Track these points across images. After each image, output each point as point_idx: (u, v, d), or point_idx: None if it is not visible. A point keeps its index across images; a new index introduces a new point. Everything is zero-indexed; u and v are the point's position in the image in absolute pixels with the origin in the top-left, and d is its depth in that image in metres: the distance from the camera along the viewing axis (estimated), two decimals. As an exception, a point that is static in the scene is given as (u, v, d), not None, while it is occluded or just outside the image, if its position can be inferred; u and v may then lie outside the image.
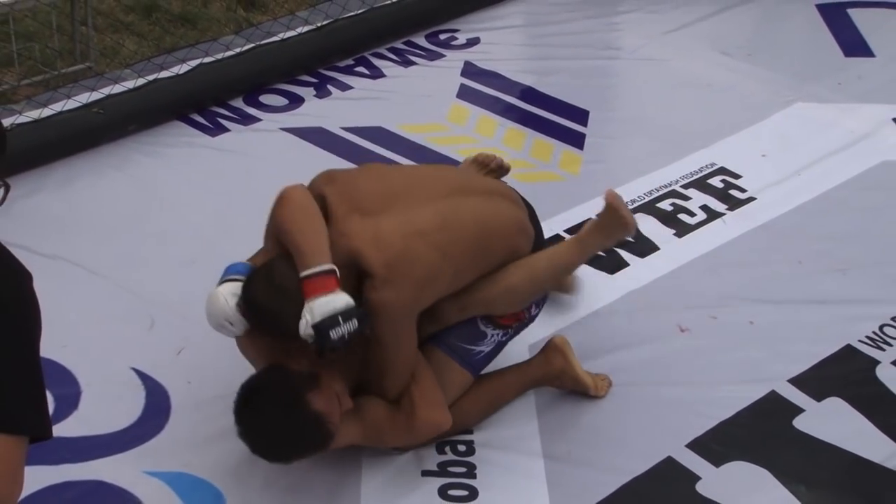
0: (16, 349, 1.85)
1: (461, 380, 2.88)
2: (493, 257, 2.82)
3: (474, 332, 2.87)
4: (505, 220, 2.88)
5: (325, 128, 4.15)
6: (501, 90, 4.51)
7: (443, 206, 2.77)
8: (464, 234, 2.74)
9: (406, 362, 2.72)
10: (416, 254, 2.63)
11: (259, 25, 4.81)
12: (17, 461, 1.86)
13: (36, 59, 5.22)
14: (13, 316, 1.86)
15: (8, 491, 1.86)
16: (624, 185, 3.92)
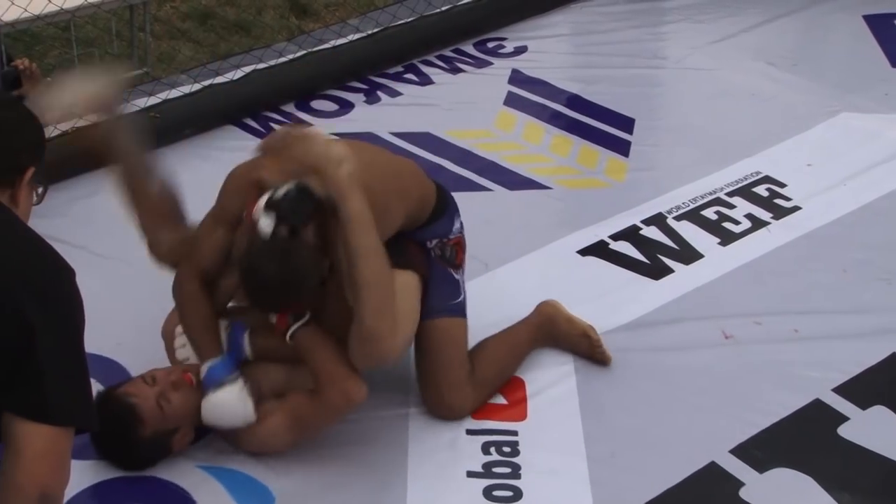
0: (61, 343, 1.87)
1: (465, 327, 2.96)
2: (409, 199, 2.86)
3: (452, 284, 2.94)
4: (414, 168, 2.99)
5: (375, 133, 4.15)
6: (548, 98, 4.49)
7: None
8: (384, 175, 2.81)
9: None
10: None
11: (311, 33, 4.82)
12: (63, 452, 1.88)
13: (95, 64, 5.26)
14: (58, 311, 1.88)
15: (56, 480, 1.89)
16: (669, 193, 3.91)
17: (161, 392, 2.68)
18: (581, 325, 3.14)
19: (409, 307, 2.80)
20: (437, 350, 2.92)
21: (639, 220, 3.76)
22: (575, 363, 3.15)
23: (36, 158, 2.00)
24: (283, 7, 6.20)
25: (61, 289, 1.90)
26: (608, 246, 3.64)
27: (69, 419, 1.88)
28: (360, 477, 2.77)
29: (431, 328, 2.91)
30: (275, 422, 2.73)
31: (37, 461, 1.84)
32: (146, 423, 2.65)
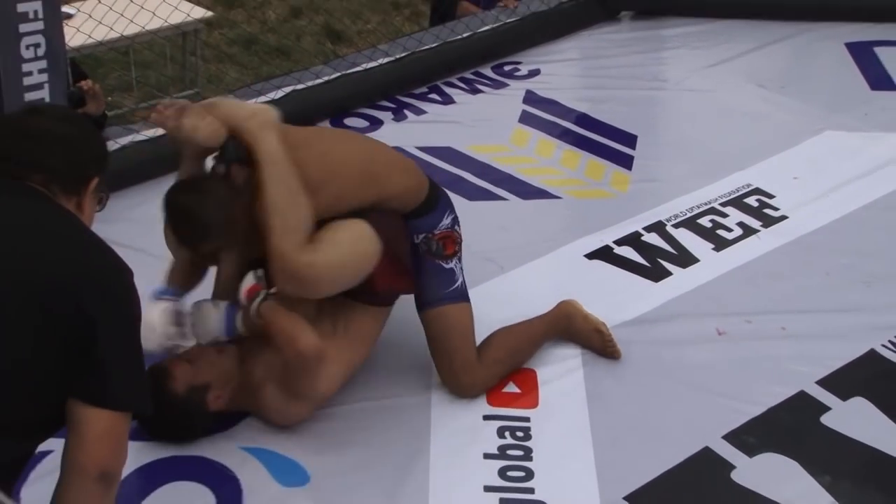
0: (120, 336, 1.88)
1: (468, 311, 2.93)
2: (379, 184, 2.82)
3: (445, 273, 2.91)
4: (401, 162, 2.95)
5: (402, 147, 4.11)
6: (559, 116, 4.48)
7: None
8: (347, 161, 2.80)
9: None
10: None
11: (345, 57, 4.83)
12: (121, 434, 1.89)
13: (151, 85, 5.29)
14: (117, 307, 1.89)
15: (114, 459, 1.89)
16: (668, 203, 3.89)
17: (186, 356, 2.71)
18: (595, 322, 3.13)
19: (346, 237, 2.71)
20: (443, 337, 2.91)
21: (641, 227, 3.75)
22: (583, 357, 3.14)
23: (100, 169, 2.01)
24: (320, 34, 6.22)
25: (120, 287, 1.91)
26: (613, 250, 3.63)
27: (126, 404, 1.88)
28: (387, 457, 2.77)
29: (434, 317, 2.90)
30: (269, 392, 2.74)
31: (97, 443, 1.84)
32: (177, 378, 2.65)
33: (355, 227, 2.74)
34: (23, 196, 1.89)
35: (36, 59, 3.25)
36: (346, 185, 2.76)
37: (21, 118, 2.00)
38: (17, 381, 1.78)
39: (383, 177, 2.85)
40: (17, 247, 1.82)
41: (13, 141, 1.94)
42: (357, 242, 2.73)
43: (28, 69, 3.24)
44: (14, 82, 3.22)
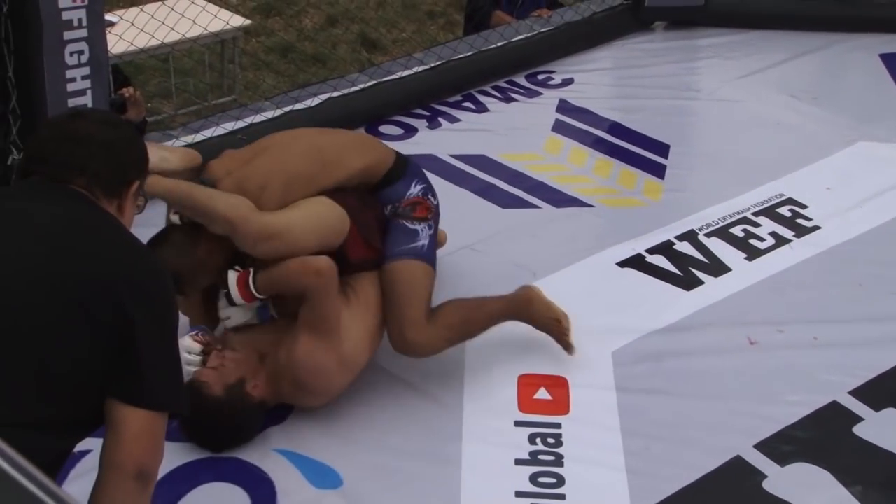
0: (157, 337, 1.88)
1: (425, 271, 2.91)
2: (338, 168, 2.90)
3: (408, 232, 2.92)
4: (354, 142, 3.02)
5: (436, 155, 4.15)
6: (592, 125, 4.46)
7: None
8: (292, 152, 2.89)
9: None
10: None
11: (380, 65, 4.84)
12: (158, 434, 1.89)
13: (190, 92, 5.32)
14: (155, 309, 1.89)
15: (151, 458, 1.89)
16: (700, 212, 3.86)
17: (210, 366, 2.72)
18: (557, 311, 3.06)
19: (304, 204, 2.78)
20: (393, 289, 2.87)
21: (673, 236, 3.72)
22: (614, 364, 3.12)
23: (140, 173, 2.02)
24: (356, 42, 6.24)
25: (159, 289, 1.91)
26: (645, 259, 3.61)
27: (163, 404, 1.89)
28: (419, 462, 2.76)
29: (388, 271, 2.89)
30: (301, 341, 2.72)
31: (134, 441, 1.84)
32: (211, 384, 2.66)
33: (314, 199, 2.81)
34: (66, 198, 1.91)
35: (79, 65, 3.27)
36: (292, 180, 2.80)
37: (64, 122, 2.01)
38: (60, 381, 1.79)
39: (334, 162, 2.91)
40: (61, 249, 1.83)
41: (57, 144, 1.95)
42: (314, 205, 2.79)
43: (71, 75, 3.27)
44: (58, 88, 3.24)
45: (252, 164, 2.84)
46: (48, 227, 1.85)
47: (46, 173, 1.94)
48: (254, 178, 2.78)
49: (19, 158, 3.24)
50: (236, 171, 2.81)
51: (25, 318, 1.76)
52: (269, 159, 2.86)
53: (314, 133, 3.11)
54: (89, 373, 1.81)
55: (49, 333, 1.77)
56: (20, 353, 1.75)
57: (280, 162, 2.85)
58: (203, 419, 2.64)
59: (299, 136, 3.02)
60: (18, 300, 1.77)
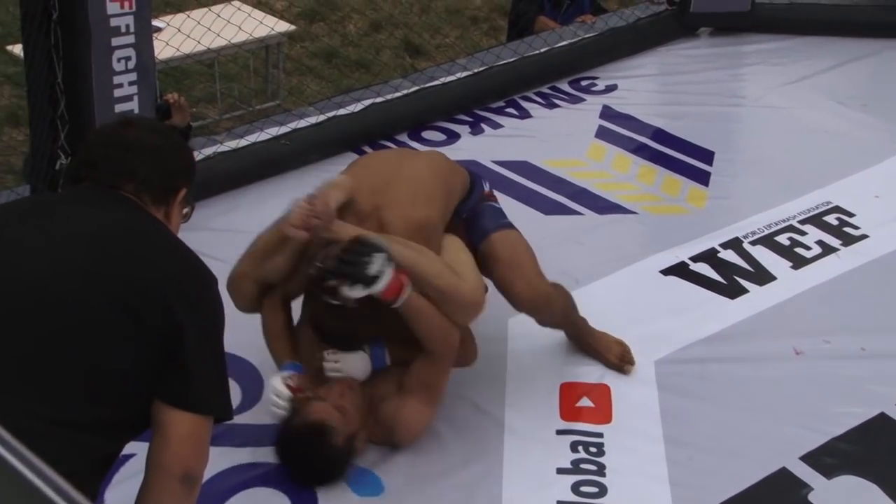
0: (204, 341, 1.89)
1: (522, 236, 2.95)
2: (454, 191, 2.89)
3: (496, 210, 2.96)
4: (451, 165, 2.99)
5: (478, 161, 4.13)
6: (635, 131, 4.43)
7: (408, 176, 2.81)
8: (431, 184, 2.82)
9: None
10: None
11: (423, 70, 4.84)
12: (204, 438, 1.90)
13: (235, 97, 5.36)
14: (205, 314, 1.91)
15: (197, 461, 1.90)
16: (745, 220, 3.82)
17: (335, 403, 2.63)
18: (613, 336, 3.11)
19: (465, 257, 2.77)
20: (509, 254, 2.87)
21: (717, 244, 3.68)
22: (657, 373, 3.09)
23: (188, 180, 2.04)
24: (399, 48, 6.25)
25: (206, 294, 1.93)
26: (688, 267, 3.57)
27: (210, 408, 1.90)
28: (460, 470, 2.75)
29: (499, 239, 2.88)
30: (411, 404, 2.70)
31: (181, 444, 1.86)
32: (337, 430, 2.59)
33: (457, 244, 2.80)
34: (115, 204, 1.93)
35: (126, 71, 3.30)
36: (437, 215, 2.78)
37: (115, 129, 2.04)
38: (111, 382, 1.81)
39: (453, 189, 2.90)
40: (112, 253, 1.85)
41: (107, 151, 1.98)
42: (468, 254, 2.80)
43: (119, 81, 3.29)
44: (105, 94, 3.27)
45: (391, 201, 2.72)
46: (100, 232, 1.88)
47: (97, 179, 1.96)
48: (398, 222, 2.69)
49: (67, 163, 3.28)
50: (378, 207, 2.71)
51: (79, 320, 1.79)
52: (405, 193, 2.74)
53: (422, 160, 2.98)
54: (138, 375, 1.82)
55: (100, 335, 1.79)
56: (73, 354, 1.77)
57: (417, 196, 2.75)
58: (319, 462, 2.59)
59: (416, 166, 2.89)
60: (72, 303, 1.79)
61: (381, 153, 3.03)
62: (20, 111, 4.53)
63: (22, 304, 1.78)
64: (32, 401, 1.72)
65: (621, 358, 3.08)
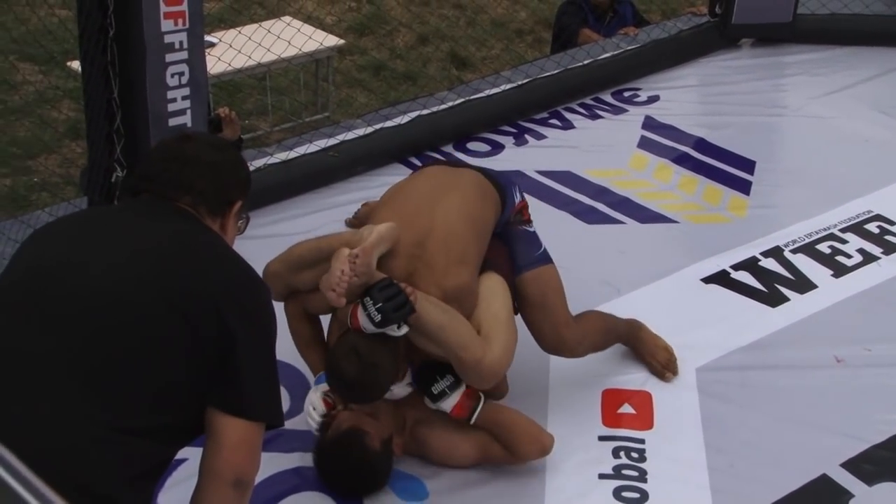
0: (257, 349, 1.91)
1: (558, 274, 2.89)
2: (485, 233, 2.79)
3: (530, 238, 2.89)
4: (473, 199, 2.80)
5: (522, 171, 4.14)
6: (677, 141, 4.41)
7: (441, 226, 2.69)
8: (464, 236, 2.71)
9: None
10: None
11: (469, 83, 4.85)
12: (256, 443, 1.92)
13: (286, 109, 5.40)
14: (256, 322, 1.92)
15: (248, 467, 1.92)
16: (786, 228, 3.79)
17: (364, 410, 2.65)
18: (663, 341, 3.10)
19: (500, 308, 2.71)
20: (543, 296, 2.85)
21: (758, 252, 3.66)
22: (698, 380, 3.07)
23: (243, 193, 2.06)
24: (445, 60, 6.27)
25: (259, 305, 1.95)
26: (729, 275, 3.55)
27: (262, 415, 1.91)
28: (503, 475, 2.74)
29: (531, 279, 2.85)
30: (467, 450, 2.72)
31: (233, 450, 1.87)
32: (371, 433, 2.61)
33: (495, 288, 2.74)
34: (174, 216, 1.96)
35: (180, 86, 3.34)
36: (470, 275, 2.70)
37: (173, 143, 2.07)
38: (170, 390, 1.83)
39: (486, 225, 2.80)
40: (171, 264, 1.88)
41: (167, 164, 2.01)
42: (505, 300, 2.74)
43: (172, 96, 3.33)
44: (159, 108, 3.32)
45: (424, 266, 2.65)
46: (159, 245, 1.90)
47: (155, 191, 1.99)
48: (432, 290, 2.61)
49: (123, 176, 3.33)
50: (412, 273, 2.64)
51: (141, 329, 1.81)
52: (439, 257, 2.66)
53: (455, 201, 2.80)
54: (194, 383, 1.85)
55: (160, 345, 1.82)
56: (135, 364, 1.80)
57: (450, 257, 2.67)
58: (359, 467, 2.61)
59: (449, 216, 2.74)
60: (135, 314, 1.82)
61: (416, 182, 2.91)
62: (79, 125, 4.61)
63: (88, 316, 1.81)
64: (95, 408, 1.75)
65: (665, 365, 3.08)
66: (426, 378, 2.65)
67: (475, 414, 2.67)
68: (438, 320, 2.56)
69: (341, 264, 2.49)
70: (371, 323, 2.49)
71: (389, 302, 2.48)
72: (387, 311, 2.47)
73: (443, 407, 2.65)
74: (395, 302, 2.48)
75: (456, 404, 2.64)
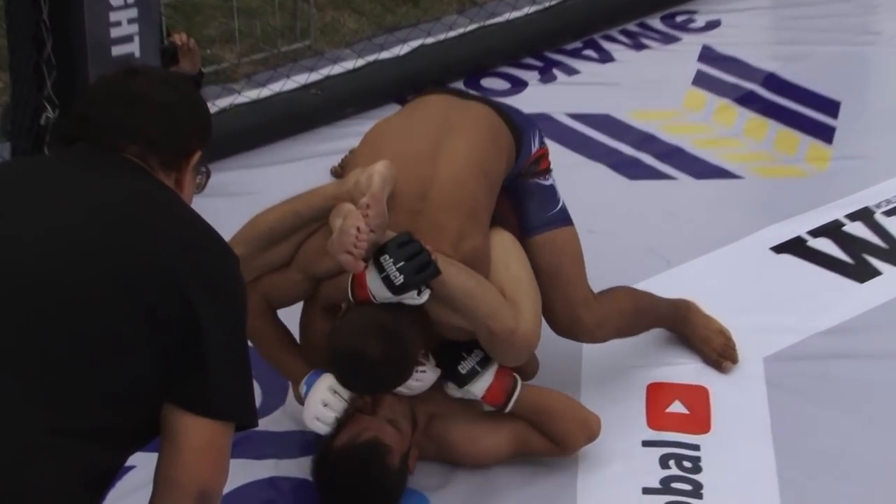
0: (226, 334, 1.91)
1: (577, 238, 2.90)
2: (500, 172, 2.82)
3: (545, 192, 2.90)
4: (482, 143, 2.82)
5: (549, 114, 4.14)
6: (743, 77, 4.42)
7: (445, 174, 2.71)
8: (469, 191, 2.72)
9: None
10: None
11: (483, 5, 4.83)
12: (223, 447, 1.93)
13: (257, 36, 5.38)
14: (224, 300, 1.92)
15: (214, 476, 1.93)
16: (877, 185, 3.82)
17: (386, 417, 2.65)
18: (719, 324, 3.12)
19: (519, 268, 2.73)
20: (555, 266, 2.85)
21: (842, 215, 3.67)
22: (766, 371, 3.09)
23: (203, 142, 2.06)
24: (454, -24, 6.24)
25: (228, 277, 1.94)
26: (806, 243, 3.57)
27: (232, 413, 1.91)
28: (526, 488, 2.76)
29: (539, 246, 2.85)
30: (500, 442, 2.74)
31: (196, 456, 1.86)
32: (394, 449, 2.61)
33: (507, 245, 2.76)
34: (118, 169, 1.95)
35: (125, 6, 3.31)
36: (483, 235, 2.72)
37: (118, 79, 2.05)
38: (119, 386, 1.82)
39: (495, 184, 2.80)
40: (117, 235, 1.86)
41: (109, 105, 1.99)
42: (522, 258, 2.76)
43: (116, 19, 3.31)
44: (99, 34, 3.29)
45: (431, 206, 2.67)
46: (103, 206, 1.88)
47: (94, 138, 1.99)
48: (448, 229, 2.64)
49: (55, 118, 3.33)
50: (414, 209, 2.66)
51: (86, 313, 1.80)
52: (447, 217, 2.67)
53: (460, 147, 2.79)
54: (149, 376, 1.85)
55: (110, 331, 1.81)
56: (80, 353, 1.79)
57: (461, 214, 2.69)
58: (374, 490, 2.60)
59: (455, 163, 2.75)
60: (79, 294, 1.81)
61: (412, 118, 2.91)
62: (0, 52, 4.60)
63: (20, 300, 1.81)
64: (36, 408, 1.76)
65: (721, 352, 3.09)
66: (449, 355, 2.64)
67: (513, 399, 2.66)
68: (465, 285, 2.57)
69: (355, 220, 2.46)
70: (388, 289, 2.47)
71: (412, 261, 2.47)
72: (409, 271, 2.46)
73: (473, 391, 2.63)
74: (417, 261, 2.47)
75: (490, 387, 2.63)
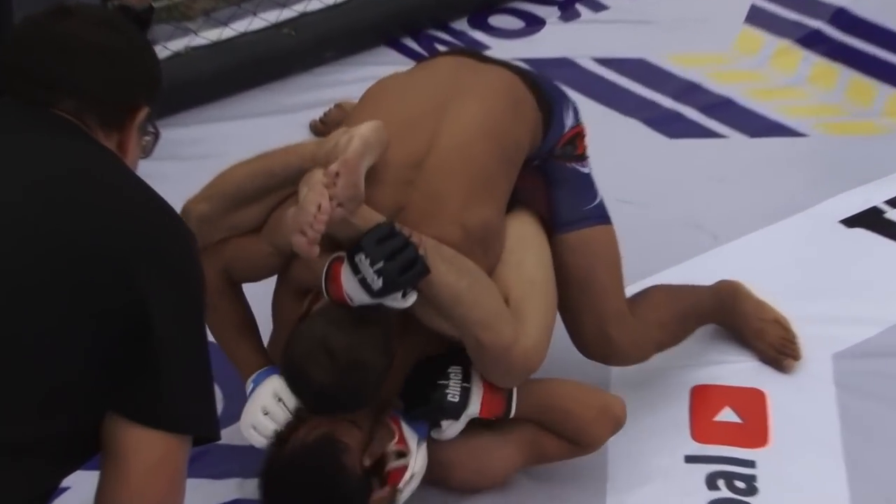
0: (182, 329, 1.91)
1: (615, 240, 2.91)
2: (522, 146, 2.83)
3: (581, 180, 2.91)
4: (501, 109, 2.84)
5: (572, 59, 4.16)
6: (806, 13, 4.43)
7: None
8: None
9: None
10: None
11: (491, -76, 4.82)
12: (178, 464, 1.93)
13: (214, -36, 5.37)
14: (183, 288, 1.93)
15: (168, 499, 1.96)
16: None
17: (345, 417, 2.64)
18: (773, 312, 3.13)
19: (535, 266, 2.74)
20: (583, 272, 2.85)
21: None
22: (835, 372, 3.11)
23: (150, 95, 2.06)
24: None
25: (184, 259, 1.94)
26: (883, 214, 3.60)
27: (189, 425, 1.91)
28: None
29: (570, 247, 2.85)
30: (510, 454, 2.76)
31: (148, 476, 1.87)
32: (351, 447, 2.58)
33: (526, 235, 2.77)
34: (49, 128, 1.95)
35: (57, -72, 3.32)
36: (497, 208, 2.73)
37: (47, 21, 2.05)
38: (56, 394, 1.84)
39: (514, 159, 2.81)
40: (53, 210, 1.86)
41: (36, 52, 1.99)
42: (541, 252, 2.77)
43: (45, -56, 3.32)
44: (26, -37, 3.31)
45: (427, 175, 2.70)
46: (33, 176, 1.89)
47: (20, 92, 1.98)
48: (450, 228, 2.65)
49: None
50: (406, 179, 2.68)
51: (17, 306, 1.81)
52: (453, 184, 2.69)
53: (472, 110, 2.81)
54: (88, 378, 1.85)
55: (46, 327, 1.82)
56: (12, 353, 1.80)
57: (472, 184, 2.71)
58: (327, 495, 2.57)
59: (467, 130, 2.77)
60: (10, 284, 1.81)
61: (416, 78, 2.92)
62: None
63: None
64: None
65: (780, 348, 3.09)
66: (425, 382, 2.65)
67: (512, 403, 2.65)
68: (454, 286, 2.55)
69: (317, 194, 2.44)
70: (366, 292, 2.45)
71: (394, 260, 2.44)
72: (390, 272, 2.43)
73: (472, 412, 2.64)
74: (401, 259, 2.45)
75: (482, 396, 2.62)
